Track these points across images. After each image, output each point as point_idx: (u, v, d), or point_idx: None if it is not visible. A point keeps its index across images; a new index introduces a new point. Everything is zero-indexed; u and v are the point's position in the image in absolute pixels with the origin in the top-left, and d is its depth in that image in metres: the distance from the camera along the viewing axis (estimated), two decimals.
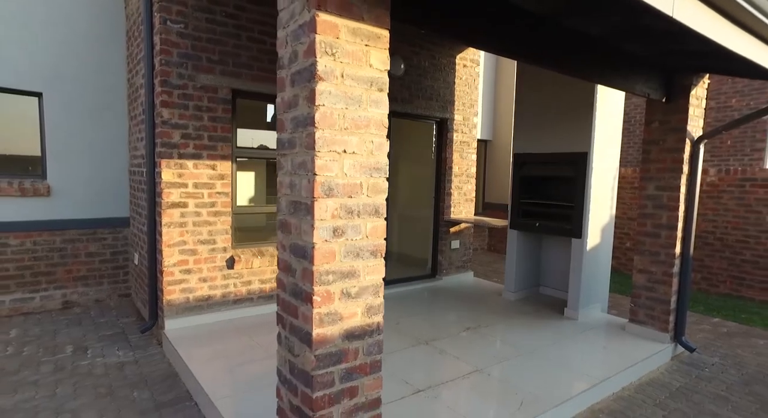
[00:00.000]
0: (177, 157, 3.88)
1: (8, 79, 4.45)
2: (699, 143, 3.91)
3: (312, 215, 1.71)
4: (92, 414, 2.88)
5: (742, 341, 4.46)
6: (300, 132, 1.76)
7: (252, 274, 4.37)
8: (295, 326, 1.87)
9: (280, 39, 1.89)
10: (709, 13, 2.19)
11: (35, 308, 4.73)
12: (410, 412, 2.71)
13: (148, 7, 3.84)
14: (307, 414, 1.81)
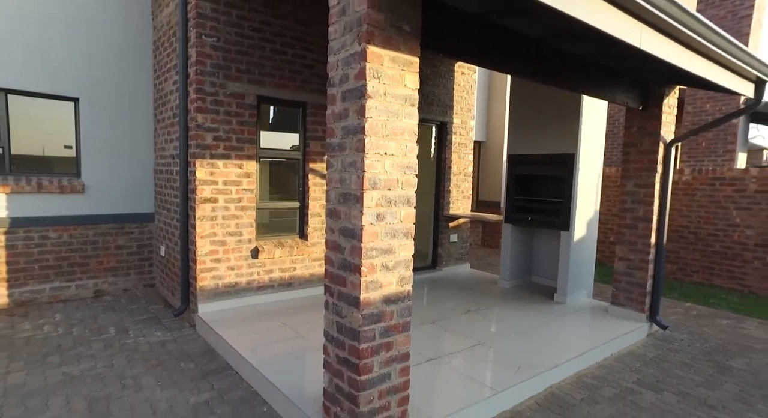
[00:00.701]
0: (209, 157, 4.31)
1: (50, 86, 4.84)
2: (671, 146, 4.46)
3: (361, 204, 2.18)
4: (150, 380, 3.32)
5: (708, 321, 5.04)
6: (350, 138, 2.23)
7: (273, 263, 4.81)
8: (343, 293, 2.34)
9: (331, 63, 2.36)
10: (670, 44, 2.71)
11: (71, 296, 5.12)
12: (426, 374, 3.20)
13: (184, 23, 4.27)
14: (354, 362, 2.28)
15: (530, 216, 5.49)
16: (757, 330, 4.81)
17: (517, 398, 3.13)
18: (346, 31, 2.22)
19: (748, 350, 4.22)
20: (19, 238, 4.75)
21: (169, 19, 4.85)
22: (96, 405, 2.96)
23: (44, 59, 4.79)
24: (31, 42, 4.71)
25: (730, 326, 4.93)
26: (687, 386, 3.46)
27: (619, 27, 2.32)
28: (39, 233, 4.86)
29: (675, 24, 2.54)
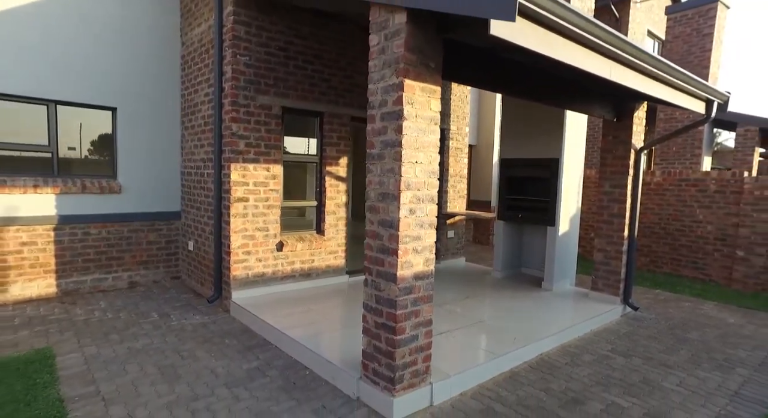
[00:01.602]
0: (242, 161, 4.89)
1: (93, 97, 5.35)
2: (640, 152, 5.21)
3: (398, 201, 2.81)
4: (203, 352, 3.89)
5: (673, 305, 5.81)
6: (388, 150, 2.86)
7: (295, 256, 5.41)
8: (381, 271, 2.97)
9: (371, 90, 2.98)
10: (635, 75, 3.42)
11: (108, 287, 5.63)
12: (439, 344, 3.84)
13: (219, 43, 4.84)
14: (391, 326, 2.91)
15: (520, 213, 6.19)
16: (712, 311, 5.60)
17: (513, 362, 3.80)
18: (385, 66, 2.85)
19: (703, 326, 4.99)
20: (66, 234, 5.26)
21: (201, 38, 5.41)
22: (165, 370, 3.54)
23: (88, 74, 5.30)
24: (77, 59, 5.22)
25: (691, 307, 5.70)
26: (651, 353, 4.18)
27: (592, 64, 3.00)
28: (82, 230, 5.37)
29: (636, 61, 3.24)
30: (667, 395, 3.39)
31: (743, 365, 3.96)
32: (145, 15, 5.69)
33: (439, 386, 3.18)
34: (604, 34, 2.84)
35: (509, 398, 3.27)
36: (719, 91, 4.45)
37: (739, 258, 6.67)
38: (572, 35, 2.71)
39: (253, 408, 3.03)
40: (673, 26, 10.20)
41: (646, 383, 3.56)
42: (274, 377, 3.48)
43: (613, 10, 10.91)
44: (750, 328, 4.99)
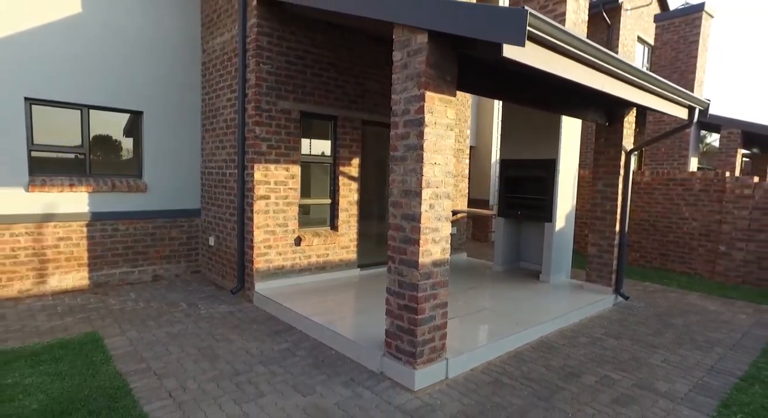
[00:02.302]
0: (264, 162, 5.28)
1: (122, 102, 5.71)
2: (630, 154, 5.66)
3: (420, 197, 3.22)
4: (235, 336, 4.28)
5: (660, 295, 6.28)
6: (411, 152, 3.27)
7: (311, 250, 5.80)
8: (404, 259, 3.37)
9: (394, 99, 3.39)
10: (625, 87, 3.86)
11: (134, 280, 5.98)
12: (453, 327, 4.25)
13: (243, 52, 5.22)
14: (413, 307, 3.32)
15: (520, 211, 6.63)
16: (696, 300, 6.08)
17: (517, 343, 4.22)
18: (407, 79, 3.26)
19: (687, 313, 5.46)
20: (97, 230, 5.61)
21: (223, 46, 5.78)
22: (204, 351, 3.92)
23: (118, 80, 5.66)
24: (108, 67, 5.57)
25: (677, 298, 6.18)
26: (639, 336, 4.63)
27: (589, 79, 3.43)
28: (111, 226, 5.72)
29: (626, 75, 3.68)
30: (653, 369, 3.83)
31: (720, 345, 4.42)
32: (170, 26, 6.05)
33: (453, 361, 3.59)
34: (599, 53, 3.27)
35: (514, 372, 3.70)
36: (700, 99, 4.92)
37: (722, 253, 7.16)
38: (572, 55, 3.13)
39: (289, 381, 3.43)
40: (662, 33, 10.72)
41: (635, 360, 4.01)
42: (304, 356, 3.88)
43: (605, 17, 11.41)
44: (728, 315, 5.46)
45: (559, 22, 6.01)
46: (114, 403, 3.04)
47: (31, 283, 5.21)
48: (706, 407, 3.21)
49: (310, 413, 2.99)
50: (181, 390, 3.25)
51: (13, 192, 5.01)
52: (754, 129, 9.19)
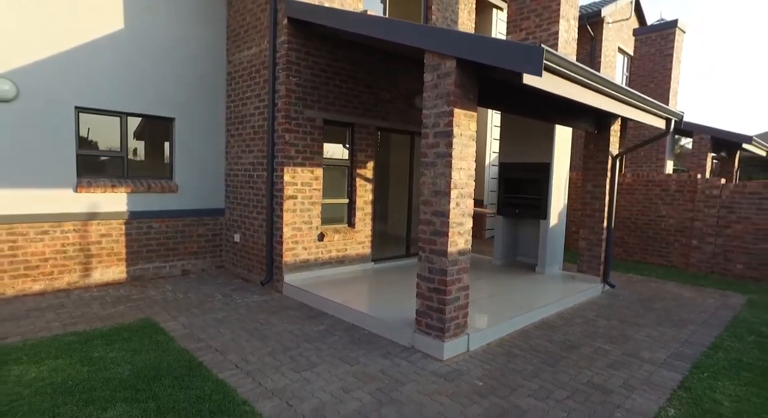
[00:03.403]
0: (292, 165, 5.82)
1: (156, 109, 6.17)
2: (616, 159, 6.40)
3: (448, 197, 3.84)
4: (275, 320, 4.82)
5: (642, 284, 7.06)
6: (440, 159, 3.88)
7: (332, 245, 6.36)
8: (434, 249, 3.98)
9: (425, 114, 4.00)
10: (613, 103, 4.55)
11: (166, 274, 6.45)
12: (469, 309, 4.89)
13: (273, 66, 5.76)
14: (442, 289, 3.93)
15: (517, 209, 7.33)
16: (672, 288, 6.87)
17: (522, 323, 4.88)
18: (438, 98, 3.88)
19: (665, 299, 6.22)
20: (134, 227, 6.06)
21: (250, 59, 6.30)
22: (252, 332, 4.46)
23: (153, 89, 6.13)
24: (145, 77, 6.04)
25: (656, 286, 6.96)
26: (625, 317, 5.35)
27: (587, 98, 4.11)
28: (146, 224, 6.18)
29: (616, 93, 4.38)
30: (638, 342, 4.53)
31: (692, 323, 5.17)
32: (198, 40, 6.54)
33: (473, 336, 4.22)
34: (596, 77, 3.95)
35: (523, 345, 4.35)
36: (675, 111, 5.67)
37: (694, 246, 8.00)
38: (576, 80, 3.80)
39: (335, 354, 4.00)
40: (640, 46, 11.62)
41: (623, 336, 4.71)
42: (342, 336, 4.46)
43: (589, 30, 12.26)
44: (699, 299, 6.25)
45: (552, 40, 6.73)
46: (191, 372, 3.57)
47: (78, 276, 5.64)
48: (681, 369, 3.91)
49: (360, 378, 3.57)
50: (244, 363, 3.79)
51: (63, 192, 5.44)
52: (722, 135, 10.12)
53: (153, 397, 3.15)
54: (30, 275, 5.29)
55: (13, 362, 3.59)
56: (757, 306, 5.99)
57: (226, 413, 2.99)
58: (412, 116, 7.27)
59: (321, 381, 3.49)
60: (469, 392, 3.39)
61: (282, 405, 3.12)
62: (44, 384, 3.28)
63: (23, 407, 2.97)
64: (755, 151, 10.91)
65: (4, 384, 3.25)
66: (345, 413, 3.05)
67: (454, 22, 8.01)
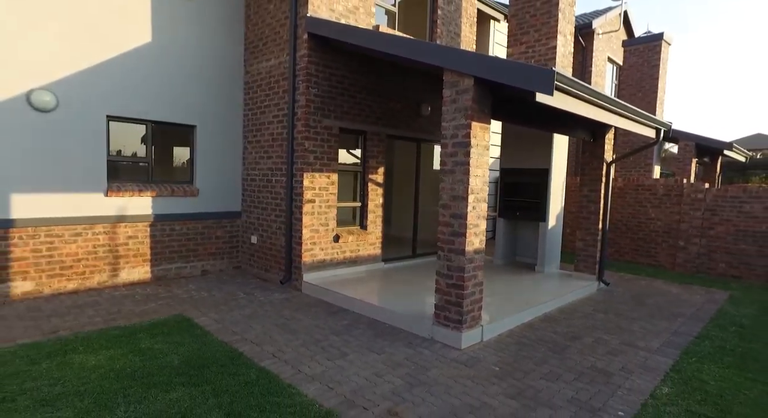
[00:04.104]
0: (310, 170, 6.20)
1: (179, 117, 6.49)
2: (610, 165, 6.90)
3: (466, 201, 4.25)
4: (301, 315, 5.18)
5: (633, 282, 7.56)
6: (459, 167, 4.30)
7: (346, 246, 6.74)
8: (452, 248, 4.39)
9: (444, 126, 4.41)
10: (609, 115, 5.02)
11: (187, 274, 6.76)
12: None
13: (293, 77, 6.13)
14: (460, 285, 4.34)
15: (518, 212, 7.79)
16: (661, 286, 7.39)
17: (528, 317, 5.32)
18: (456, 111, 4.30)
19: (655, 295, 6.73)
20: (158, 229, 6.36)
21: (269, 70, 6.66)
22: (282, 327, 4.81)
23: (177, 98, 6.45)
24: (169, 86, 6.36)
25: (646, 284, 7.47)
26: (620, 311, 5.82)
27: (588, 112, 4.56)
28: (169, 226, 6.49)
29: (613, 107, 4.85)
30: (634, 333, 5.00)
31: (681, 317, 5.66)
32: (217, 51, 6.88)
33: (486, 328, 4.64)
34: (598, 94, 4.41)
35: (531, 336, 4.78)
36: (665, 122, 6.19)
37: (681, 247, 8.55)
38: (580, 97, 4.25)
39: (362, 345, 4.38)
40: (629, 57, 12.23)
41: (619, 328, 5.17)
42: (365, 329, 4.84)
43: (581, 40, 12.84)
44: (686, 296, 6.77)
45: (551, 54, 7.22)
46: (233, 361, 3.92)
47: (107, 275, 5.92)
48: (672, 355, 4.38)
49: (388, 365, 3.96)
50: (281, 353, 4.15)
51: (95, 197, 5.73)
52: (705, 142, 10.74)
53: (206, 382, 3.50)
54: (64, 274, 5.56)
55: (72, 352, 3.90)
56: (737, 301, 6.52)
57: (276, 394, 3.35)
58: (419, 124, 7.70)
59: (354, 368, 3.87)
60: (487, 375, 3.80)
61: (323, 388, 3.49)
62: (106, 370, 3.60)
63: (96, 388, 3.30)
64: (735, 157, 11.56)
65: (71, 370, 3.57)
66: (381, 393, 3.43)
67: (457, 34, 8.46)
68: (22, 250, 5.23)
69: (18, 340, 4.14)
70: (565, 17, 7.32)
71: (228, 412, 3.08)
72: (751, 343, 4.78)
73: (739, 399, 3.50)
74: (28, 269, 5.28)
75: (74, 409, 3.03)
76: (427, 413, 3.16)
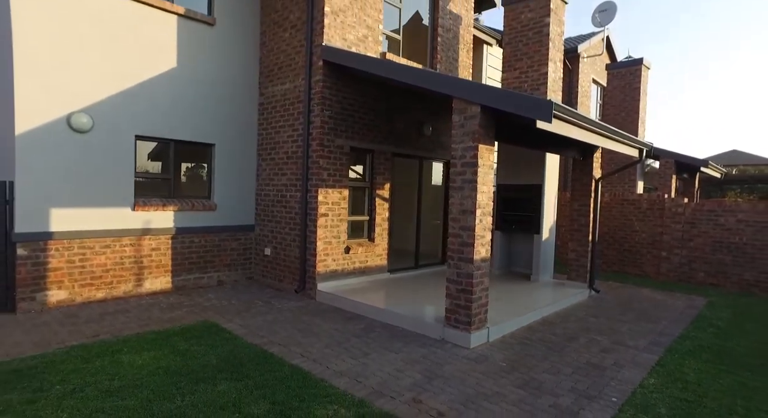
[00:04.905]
0: (324, 186, 6.67)
1: (200, 137, 6.94)
2: (598, 181, 7.51)
3: (474, 214, 4.76)
4: (320, 321, 5.59)
5: (621, 290, 8.13)
6: (467, 184, 4.82)
7: (356, 257, 7.19)
8: (461, 257, 4.87)
9: (454, 148, 4.94)
10: (598, 137, 5.62)
11: (204, 284, 7.11)
12: None
13: (308, 100, 6.65)
14: (469, 290, 4.82)
15: (514, 225, 8.34)
16: (647, 293, 7.96)
17: (528, 321, 5.80)
18: (464, 135, 4.84)
19: (641, 301, 7.29)
20: (178, 242, 6.74)
21: (284, 93, 7.17)
22: (304, 330, 5.21)
23: (198, 118, 6.91)
24: (192, 108, 6.82)
25: (633, 291, 8.04)
26: (610, 315, 6.35)
27: (581, 136, 5.14)
28: (189, 238, 6.87)
29: (602, 131, 5.45)
30: (623, 334, 5.51)
31: (665, 320, 6.21)
32: (235, 75, 7.38)
33: (492, 329, 5.11)
34: (587, 120, 5.00)
35: (531, 337, 5.26)
36: (646, 143, 6.84)
37: (664, 257, 9.17)
38: (574, 123, 4.82)
39: (380, 345, 4.81)
40: (612, 80, 13.06)
41: (610, 329, 5.68)
42: (381, 332, 5.27)
43: (567, 64, 13.67)
44: (670, 301, 7.34)
45: (542, 79, 7.88)
46: (266, 360, 4.32)
47: (132, 285, 6.27)
48: (657, 352, 4.89)
49: (407, 362, 4.39)
50: (308, 353, 4.56)
51: (123, 211, 6.11)
52: (683, 159, 11.50)
53: (246, 377, 3.90)
54: (94, 284, 5.90)
55: (118, 352, 4.27)
56: (714, 306, 7.11)
57: (311, 387, 3.76)
58: (421, 143, 8.25)
59: (376, 365, 4.30)
60: (496, 370, 4.26)
61: (352, 382, 3.91)
62: (154, 368, 3.97)
63: (149, 382, 3.67)
64: (711, 174, 12.36)
65: (122, 367, 3.94)
66: (404, 385, 3.87)
67: (455, 59, 9.10)
68: (58, 261, 5.57)
69: (67, 342, 4.48)
70: (554, 46, 8.00)
71: (272, 401, 3.48)
72: (725, 342, 5.34)
73: (714, 387, 4.02)
74: (62, 279, 5.62)
75: (137, 398, 3.40)
76: (448, 400, 3.61)
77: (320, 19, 6.55)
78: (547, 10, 7.82)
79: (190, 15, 6.71)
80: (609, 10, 12.91)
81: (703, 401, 3.73)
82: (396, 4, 7.93)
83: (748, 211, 8.17)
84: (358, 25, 7.02)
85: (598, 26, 13.26)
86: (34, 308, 5.44)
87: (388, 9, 7.78)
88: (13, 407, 3.19)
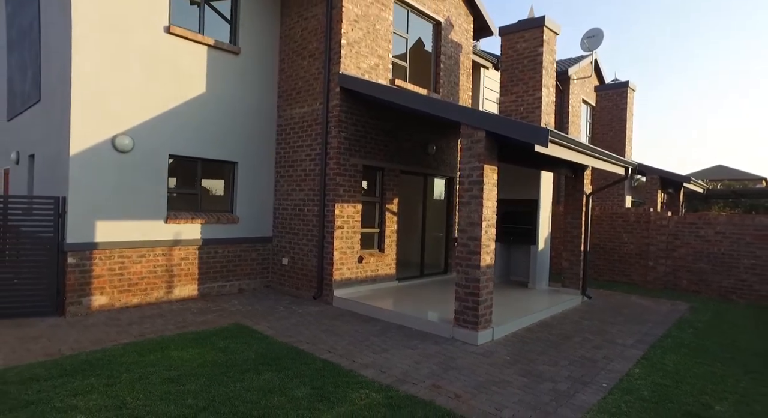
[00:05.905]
0: (340, 201, 7.29)
1: (224, 155, 7.56)
2: (589, 196, 8.21)
3: (480, 226, 5.39)
4: (339, 323, 6.14)
5: (611, 297, 8.77)
6: (473, 200, 5.46)
7: (368, 266, 7.77)
8: (469, 264, 5.48)
9: (462, 167, 5.60)
10: (588, 157, 6.32)
11: (227, 292, 7.64)
12: None
13: (325, 122, 7.31)
14: (476, 292, 5.42)
15: (512, 237, 8.99)
16: (635, 299, 8.61)
17: (527, 322, 6.40)
18: (471, 156, 5.50)
19: (629, 306, 7.93)
20: (204, 252, 7.29)
21: (302, 116, 7.84)
22: (327, 331, 5.76)
23: (224, 138, 7.54)
24: (218, 129, 7.45)
25: (622, 298, 8.69)
26: (602, 319, 6.97)
27: (575, 157, 5.83)
28: (213, 249, 7.42)
29: (593, 153, 6.15)
30: (614, 334, 6.13)
31: (651, 322, 6.84)
32: (256, 99, 8.04)
33: (496, 329, 5.70)
34: (579, 144, 5.70)
35: (531, 336, 5.86)
36: (631, 162, 7.56)
37: (650, 267, 9.84)
38: (568, 146, 5.52)
39: (398, 343, 5.38)
40: (600, 101, 13.93)
41: (602, 330, 6.30)
42: (396, 332, 5.84)
43: (558, 85, 14.54)
44: (655, 307, 7.99)
45: (537, 103, 8.62)
46: (299, 355, 4.87)
47: (163, 292, 6.79)
48: (642, 348, 5.51)
49: (423, 356, 4.96)
50: (334, 349, 5.11)
51: (157, 223, 6.68)
52: (668, 175, 12.30)
53: (285, 368, 4.45)
54: (131, 290, 6.42)
55: (166, 348, 4.80)
56: (696, 311, 7.77)
57: (342, 376, 4.32)
58: (426, 161, 8.92)
59: (397, 358, 4.87)
60: (502, 362, 4.85)
61: (377, 372, 4.48)
62: (202, 362, 4.51)
63: (202, 372, 4.21)
64: (694, 189, 13.16)
65: (174, 360, 4.47)
66: (423, 374, 4.44)
67: (456, 84, 9.86)
68: (101, 269, 6.10)
69: (119, 340, 5.00)
70: (547, 73, 8.78)
71: (312, 386, 4.04)
72: (702, 340, 5.97)
73: (690, 375, 4.64)
74: (104, 285, 6.14)
75: (196, 384, 3.94)
76: (462, 386, 4.18)
77: (337, 50, 7.26)
78: (540, 41, 8.61)
79: (219, 45, 7.40)
80: (596, 36, 13.86)
81: (680, 385, 4.35)
82: (403, 35, 8.68)
83: (725, 223, 8.90)
84: (370, 55, 7.74)
85: (587, 51, 14.18)
86: (80, 312, 5.94)
87: (396, 39, 8.52)
88: (96, 388, 3.72)
